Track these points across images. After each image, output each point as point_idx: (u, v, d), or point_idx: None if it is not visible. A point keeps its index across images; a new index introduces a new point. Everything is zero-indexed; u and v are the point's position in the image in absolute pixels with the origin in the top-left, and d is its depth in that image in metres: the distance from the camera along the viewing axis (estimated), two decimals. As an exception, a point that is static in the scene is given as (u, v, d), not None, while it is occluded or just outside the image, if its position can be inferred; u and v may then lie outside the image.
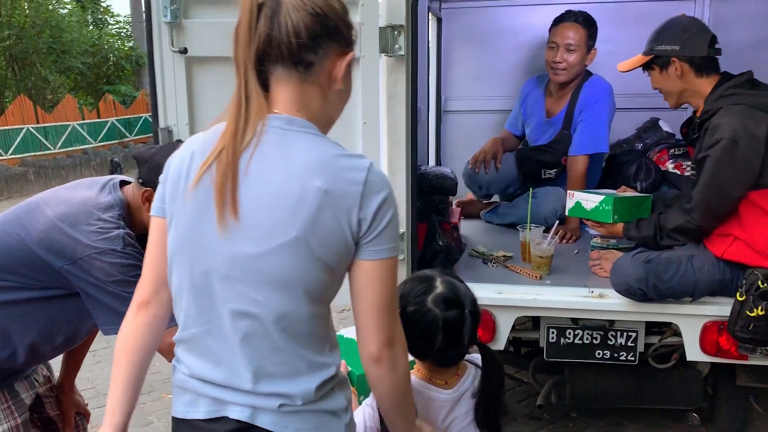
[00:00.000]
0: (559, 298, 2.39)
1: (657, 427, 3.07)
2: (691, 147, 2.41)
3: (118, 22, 19.24)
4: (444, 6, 4.17)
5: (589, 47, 3.19)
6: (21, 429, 1.76)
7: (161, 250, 1.24)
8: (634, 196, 2.59)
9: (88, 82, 16.44)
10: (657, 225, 2.33)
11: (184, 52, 2.18)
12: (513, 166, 3.43)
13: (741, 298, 2.13)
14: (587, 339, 2.42)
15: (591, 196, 2.55)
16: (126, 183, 1.78)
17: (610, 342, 2.42)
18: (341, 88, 1.24)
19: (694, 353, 2.33)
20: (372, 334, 1.20)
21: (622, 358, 2.43)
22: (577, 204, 2.60)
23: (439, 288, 1.48)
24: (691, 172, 2.31)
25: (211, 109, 2.22)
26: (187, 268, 1.19)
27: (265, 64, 1.17)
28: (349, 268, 1.20)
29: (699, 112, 2.33)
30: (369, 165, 1.17)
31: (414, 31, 2.25)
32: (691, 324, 2.31)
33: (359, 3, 2.10)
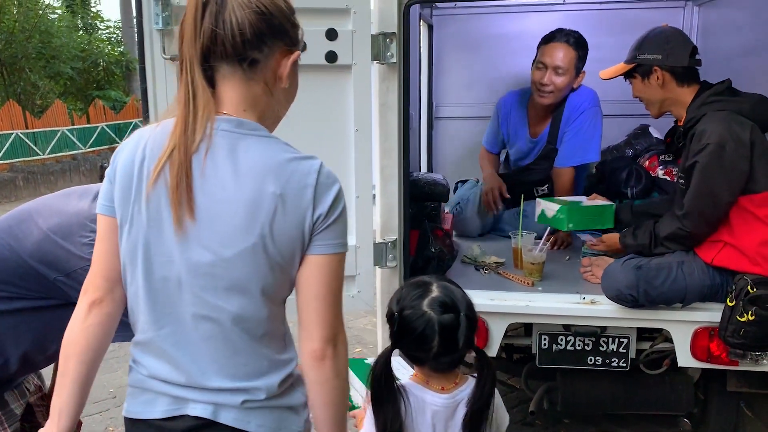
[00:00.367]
0: (551, 304, 2.39)
1: (648, 433, 3.08)
2: (677, 156, 2.43)
3: (108, 27, 19.18)
4: (435, 13, 4.18)
5: (578, 69, 3.07)
6: (11, 439, 1.75)
7: (113, 249, 1.23)
8: (593, 205, 2.66)
9: (78, 88, 16.36)
10: (652, 233, 2.35)
11: (175, 59, 2.17)
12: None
13: (731, 304, 2.14)
14: (579, 345, 2.43)
15: (552, 204, 2.69)
16: None
17: (601, 348, 2.43)
18: (287, 86, 1.25)
19: (685, 359, 2.34)
20: (315, 329, 1.21)
21: (614, 364, 2.43)
22: (542, 212, 2.75)
23: (435, 292, 1.50)
24: (680, 181, 2.32)
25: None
26: (143, 274, 1.19)
27: (210, 60, 1.18)
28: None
29: (681, 121, 2.37)
30: (319, 166, 1.19)
31: (406, 39, 2.25)
32: (682, 330, 2.31)
33: (351, 10, 2.10)
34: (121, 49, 17.40)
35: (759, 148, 2.17)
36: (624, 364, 2.43)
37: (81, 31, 17.89)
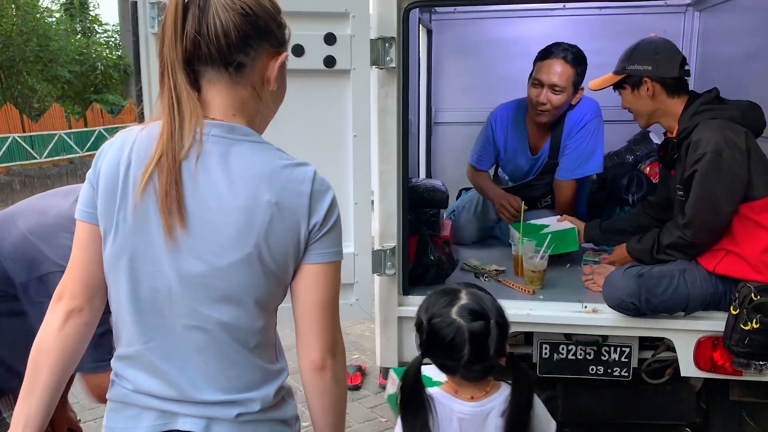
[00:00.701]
0: (552, 313, 2.37)
1: (650, 443, 3.05)
2: (671, 168, 2.41)
3: (106, 31, 19.20)
4: (434, 17, 4.16)
5: (576, 86, 2.96)
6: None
7: (94, 257, 1.18)
8: (555, 231, 2.70)
9: (76, 91, 16.34)
10: (656, 240, 2.34)
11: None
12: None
13: (735, 312, 2.13)
14: (580, 354, 2.40)
15: (515, 233, 2.75)
16: None
17: (603, 357, 2.40)
18: (275, 89, 1.21)
19: (688, 369, 2.31)
20: (315, 339, 1.19)
21: (616, 373, 2.40)
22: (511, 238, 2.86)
23: (464, 299, 1.49)
24: (678, 192, 2.30)
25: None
26: (129, 284, 1.14)
27: (194, 65, 1.14)
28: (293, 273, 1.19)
29: (673, 132, 2.36)
30: (312, 173, 1.17)
31: (405, 43, 2.23)
32: (685, 339, 2.29)
33: (350, 15, 2.08)
34: (119, 53, 17.40)
35: (754, 154, 2.18)
36: (626, 374, 2.40)
37: (79, 35, 17.87)
